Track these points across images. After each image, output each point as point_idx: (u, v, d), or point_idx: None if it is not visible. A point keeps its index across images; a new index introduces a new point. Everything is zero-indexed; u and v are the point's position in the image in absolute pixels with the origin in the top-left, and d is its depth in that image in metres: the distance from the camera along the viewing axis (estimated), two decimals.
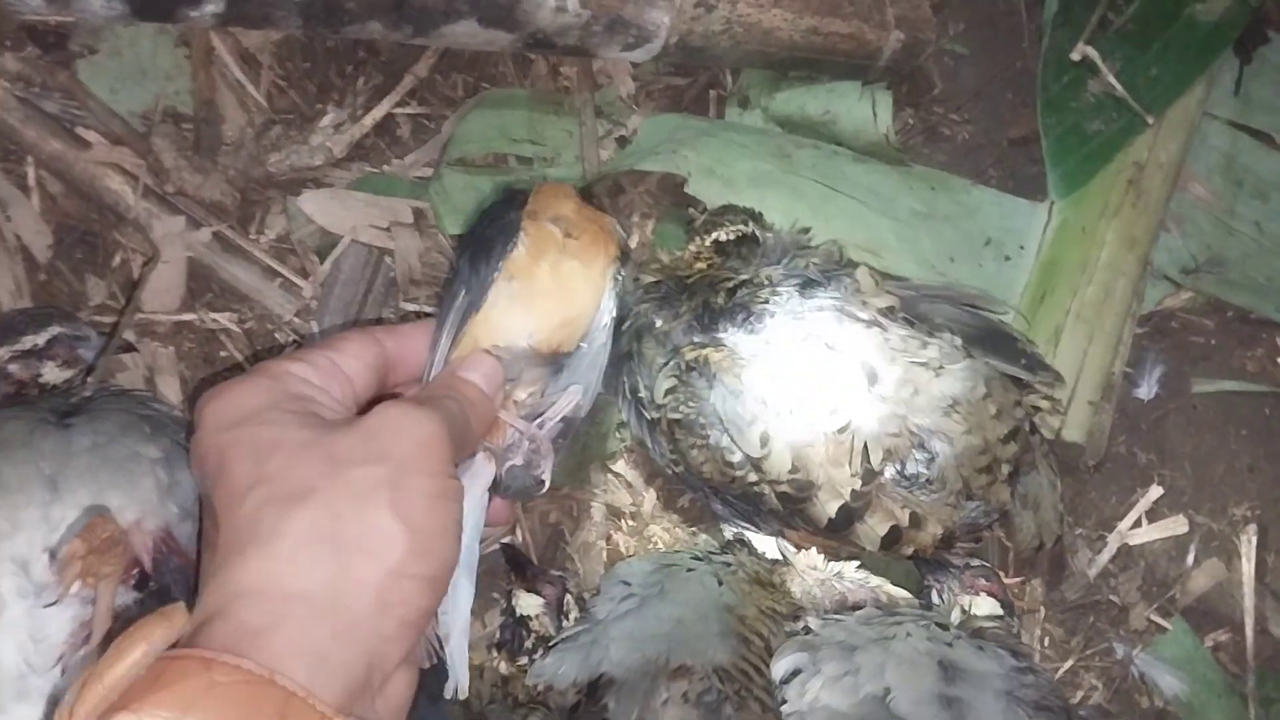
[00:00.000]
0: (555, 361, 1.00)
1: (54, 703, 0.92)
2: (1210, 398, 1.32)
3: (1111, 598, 1.24)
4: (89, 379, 1.11)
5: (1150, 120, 1.38)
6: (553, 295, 1.00)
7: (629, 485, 1.26)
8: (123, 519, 0.95)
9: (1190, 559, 1.27)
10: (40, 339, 1.07)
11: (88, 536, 0.87)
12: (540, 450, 0.97)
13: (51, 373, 1.08)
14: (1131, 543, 1.27)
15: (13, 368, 1.07)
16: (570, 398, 1.00)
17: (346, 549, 0.58)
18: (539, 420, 0.98)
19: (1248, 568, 1.27)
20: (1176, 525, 1.28)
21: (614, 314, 1.07)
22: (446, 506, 0.65)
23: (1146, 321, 1.34)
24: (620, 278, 1.06)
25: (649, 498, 1.26)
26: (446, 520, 0.64)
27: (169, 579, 0.97)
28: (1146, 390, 1.31)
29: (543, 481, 0.97)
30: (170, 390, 1.18)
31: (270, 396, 0.66)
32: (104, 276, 1.21)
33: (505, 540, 1.20)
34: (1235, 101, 1.47)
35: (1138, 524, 1.27)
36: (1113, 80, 1.39)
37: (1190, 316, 1.36)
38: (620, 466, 1.26)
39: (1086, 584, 1.25)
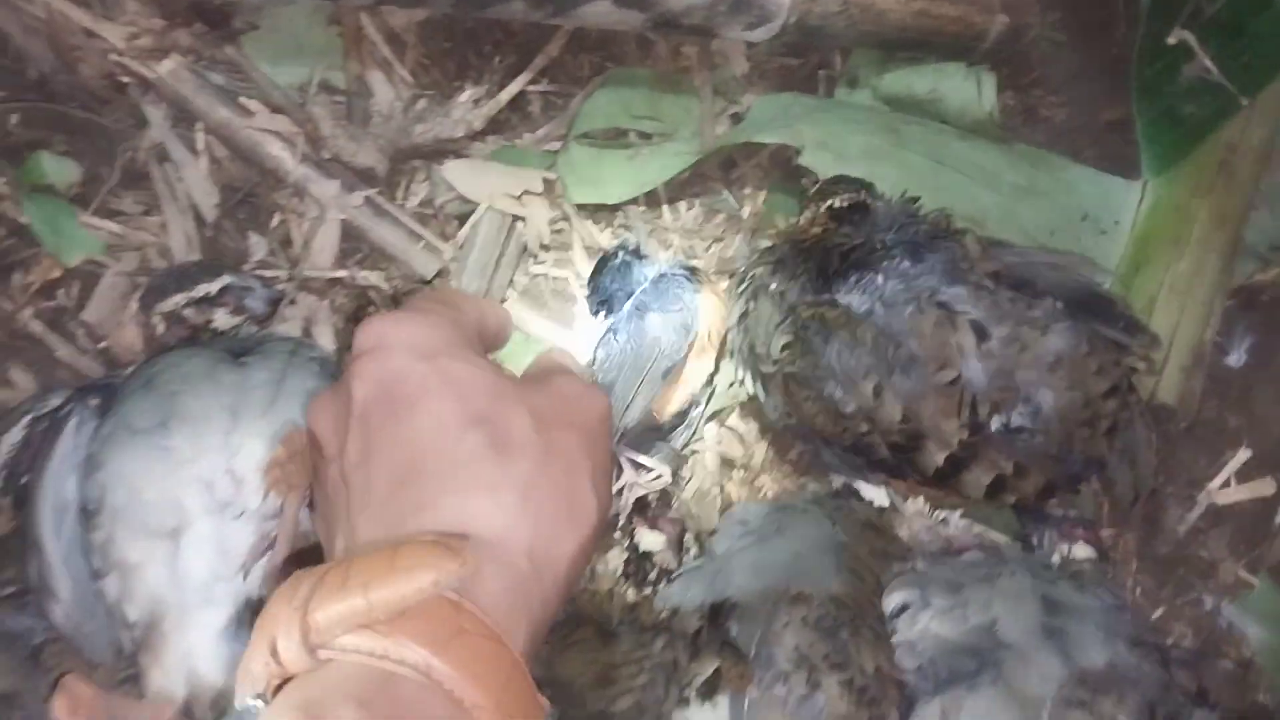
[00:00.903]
0: (657, 427, 1.26)
1: (240, 606, 1.02)
2: None
3: (1200, 553, 1.30)
4: (257, 329, 1.22)
5: (1244, 103, 1.43)
6: (689, 376, 1.25)
7: (741, 438, 1.34)
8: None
9: (1278, 519, 1.32)
10: (213, 288, 1.18)
11: (288, 444, 0.97)
12: (628, 489, 1.24)
13: (222, 319, 1.19)
14: (1220, 502, 1.32)
15: (188, 313, 1.17)
16: (660, 472, 1.24)
17: (554, 515, 0.55)
18: (640, 467, 1.24)
19: None
20: (1264, 487, 1.33)
21: (703, 408, 1.30)
22: (612, 483, 0.63)
23: (1237, 294, 1.40)
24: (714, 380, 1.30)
25: (760, 450, 1.34)
26: (612, 497, 0.65)
27: None
28: (1236, 358, 1.37)
29: (617, 510, 1.22)
30: (325, 340, 1.29)
31: (460, 333, 0.60)
32: (265, 234, 1.32)
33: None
34: None
35: (1226, 484, 1.33)
36: (1208, 64, 1.44)
37: (1279, 290, 1.41)
38: (733, 420, 1.35)
39: (1176, 539, 1.31)
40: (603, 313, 1.29)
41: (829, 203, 1.23)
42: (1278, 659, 1.28)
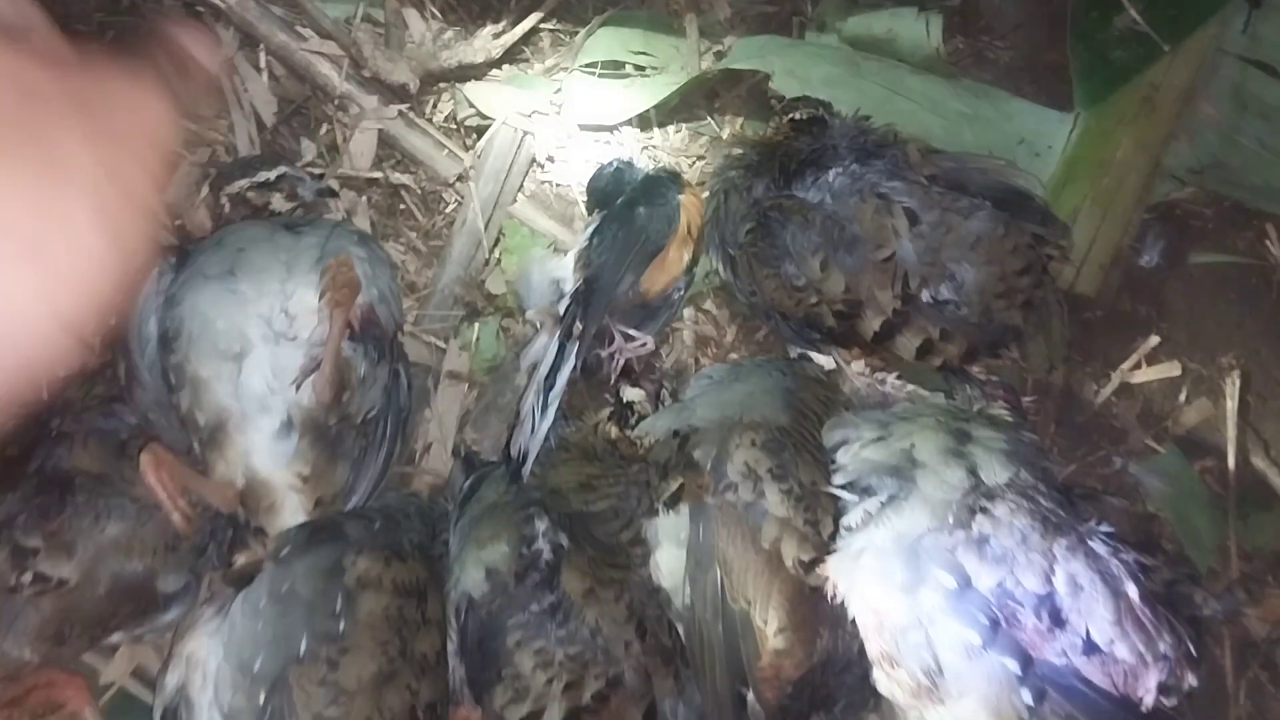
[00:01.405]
0: (644, 306, 1.48)
1: (289, 414, 1.24)
2: (1204, 268, 1.58)
3: (1113, 423, 1.50)
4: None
5: (1166, 49, 1.64)
6: (671, 263, 1.46)
7: (715, 320, 1.56)
8: None
9: (1182, 397, 1.53)
10: (272, 174, 1.40)
11: (342, 260, 1.20)
12: (619, 354, 1.44)
13: (278, 202, 1.41)
14: (1132, 381, 1.52)
15: (250, 194, 1.40)
16: (645, 340, 1.45)
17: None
18: (628, 338, 1.45)
19: (1231, 406, 1.51)
20: (1171, 369, 1.53)
21: (683, 291, 1.51)
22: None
23: (1154, 209, 1.60)
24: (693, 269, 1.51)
25: (731, 331, 1.56)
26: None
27: (368, 340, 1.30)
28: (1149, 259, 1.57)
29: (608, 370, 1.45)
30: (363, 228, 1.52)
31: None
32: (314, 140, 1.56)
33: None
34: (1245, 39, 1.72)
35: (1138, 366, 1.53)
36: (1135, 15, 1.66)
37: (1192, 206, 1.62)
38: (709, 305, 1.56)
39: (1092, 411, 1.51)
40: (598, 211, 1.51)
41: (791, 115, 1.46)
42: (1177, 512, 1.47)
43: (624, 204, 1.46)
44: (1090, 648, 1.19)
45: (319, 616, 1.15)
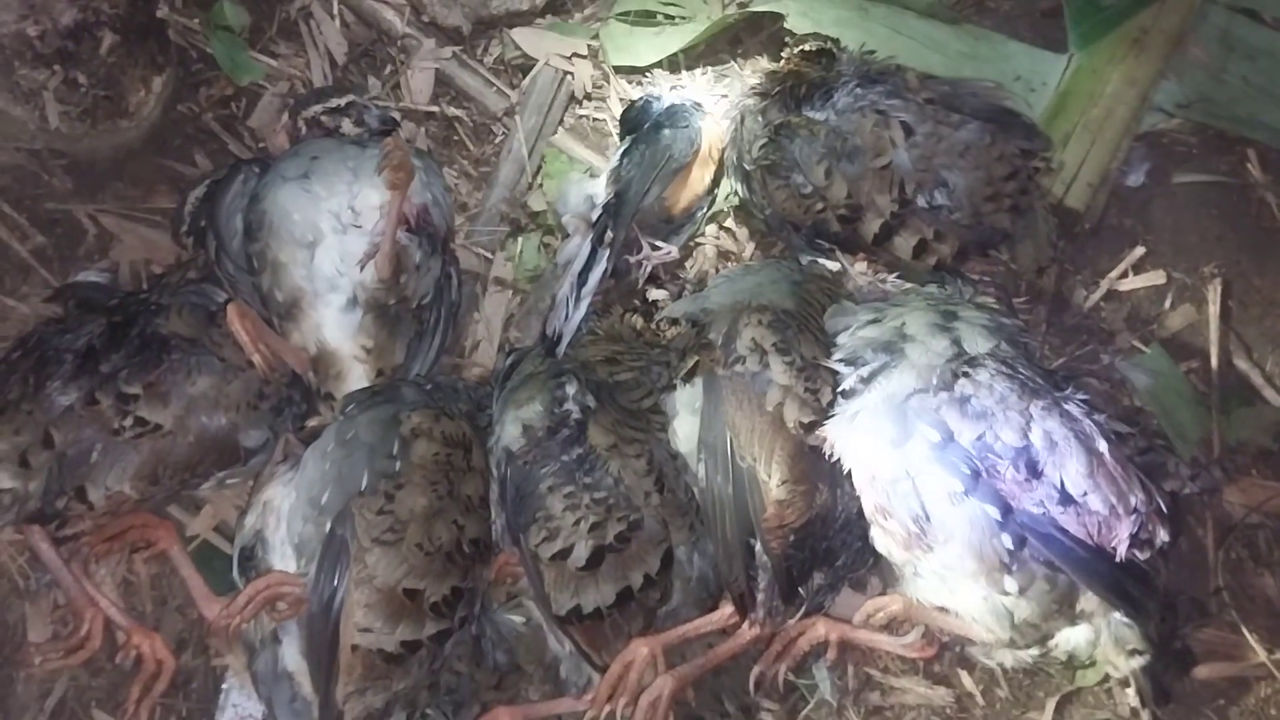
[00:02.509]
0: (669, 221, 1.65)
1: (354, 291, 1.43)
2: (1188, 186, 1.71)
3: (1101, 325, 1.63)
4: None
5: None
6: (694, 181, 1.63)
7: (734, 236, 1.72)
8: None
9: (1167, 303, 1.65)
10: (342, 101, 1.60)
11: (398, 143, 1.38)
12: (646, 260, 1.62)
13: (347, 126, 1.60)
14: (1119, 289, 1.65)
15: (323, 118, 1.59)
16: (670, 250, 1.63)
17: None
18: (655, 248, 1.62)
19: (1214, 310, 1.64)
20: (1156, 277, 1.66)
21: (706, 210, 1.68)
22: None
23: (1142, 138, 1.74)
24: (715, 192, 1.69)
25: (749, 247, 1.72)
26: None
27: (423, 234, 1.48)
28: (1135, 179, 1.71)
29: (636, 276, 1.62)
30: None
31: None
32: (379, 77, 1.76)
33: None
34: None
35: (1124, 275, 1.66)
36: None
37: (1179, 135, 1.75)
38: (729, 223, 1.73)
39: (1081, 315, 1.64)
40: (628, 135, 1.68)
41: (800, 47, 1.63)
42: (1162, 405, 1.59)
43: (651, 127, 1.64)
44: (1065, 498, 1.32)
45: (378, 457, 1.32)
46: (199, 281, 1.47)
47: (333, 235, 1.44)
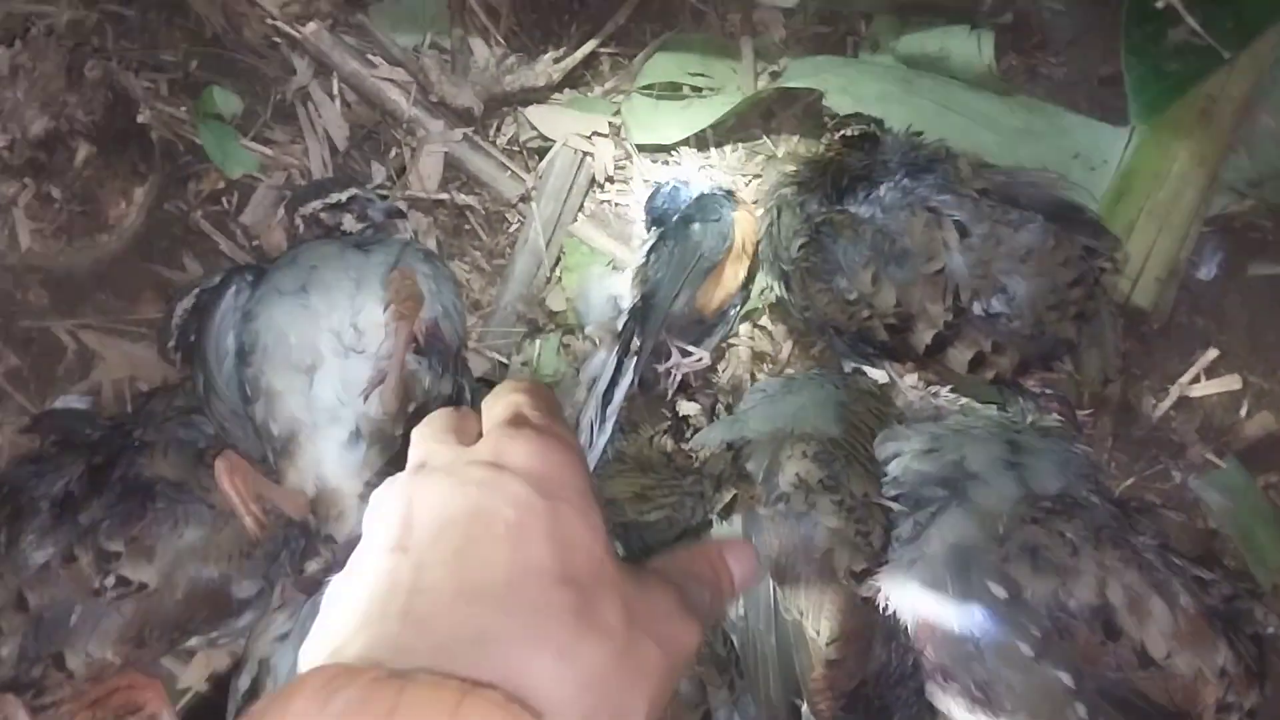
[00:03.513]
0: (700, 321, 1.51)
1: (358, 424, 1.30)
2: (1264, 279, 1.57)
3: (1172, 437, 1.50)
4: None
5: (1226, 57, 1.64)
6: (727, 279, 1.49)
7: (771, 335, 1.59)
8: None
9: (1243, 411, 1.52)
10: (343, 196, 1.47)
11: (405, 274, 1.25)
12: (675, 369, 1.49)
13: (349, 222, 1.48)
14: (1191, 395, 1.52)
15: (323, 215, 1.47)
16: (701, 355, 1.50)
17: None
18: (685, 354, 1.50)
19: None
20: (1231, 382, 1.52)
21: (739, 308, 1.54)
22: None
23: (1213, 222, 1.60)
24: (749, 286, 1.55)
25: (786, 346, 1.59)
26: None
27: (432, 354, 1.35)
28: (1207, 272, 1.57)
29: (665, 386, 1.50)
30: (430, 246, 1.58)
31: (586, 479, 0.56)
32: (383, 162, 1.63)
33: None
34: None
35: (1196, 379, 1.52)
36: (1194, 25, 1.66)
37: (1251, 219, 1.61)
38: (764, 321, 1.59)
39: (1150, 425, 1.50)
40: (656, 229, 1.55)
41: (843, 132, 1.49)
42: (1240, 527, 1.46)
43: (679, 221, 1.51)
44: (1145, 661, 1.19)
45: None
46: (187, 412, 1.35)
47: (333, 359, 1.31)
